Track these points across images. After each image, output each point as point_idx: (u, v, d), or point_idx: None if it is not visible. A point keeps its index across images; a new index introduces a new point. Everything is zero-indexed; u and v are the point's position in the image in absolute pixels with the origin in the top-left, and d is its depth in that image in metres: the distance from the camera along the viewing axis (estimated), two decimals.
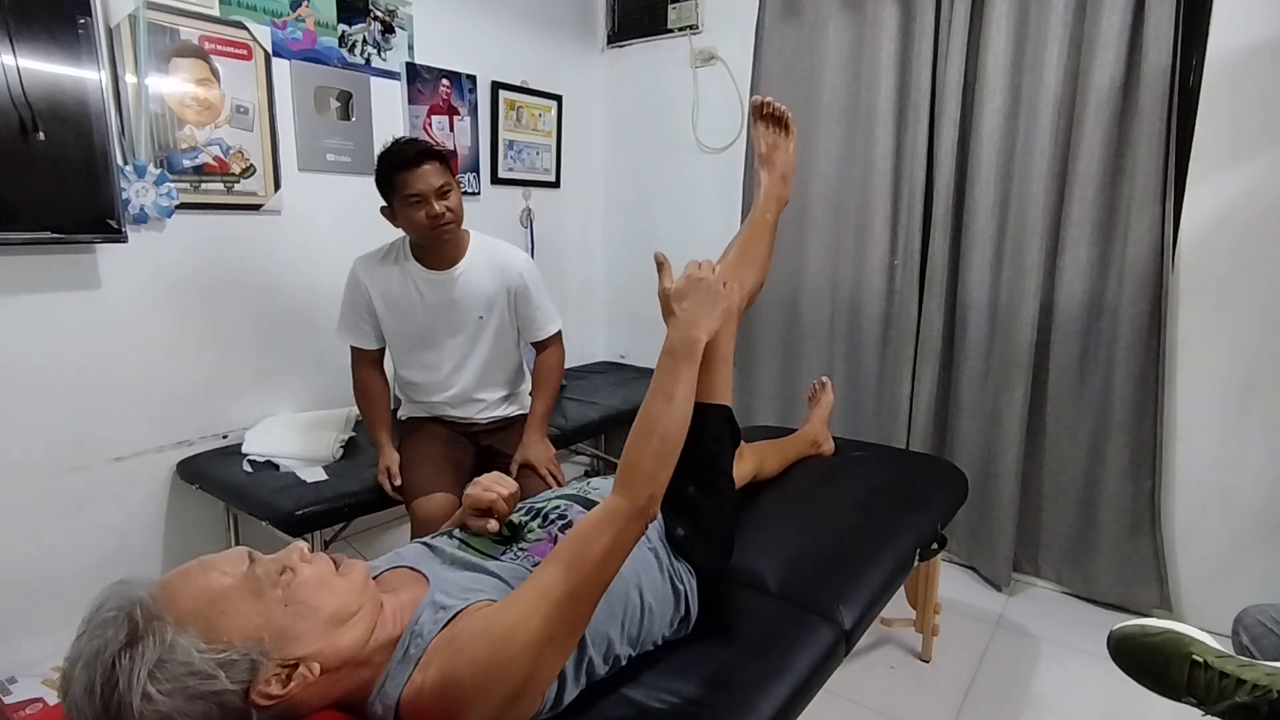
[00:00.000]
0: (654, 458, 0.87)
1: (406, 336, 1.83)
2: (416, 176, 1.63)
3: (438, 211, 1.64)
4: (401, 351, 1.87)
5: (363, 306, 1.82)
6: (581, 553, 0.81)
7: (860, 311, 2.51)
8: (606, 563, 0.81)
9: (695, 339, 0.95)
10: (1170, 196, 1.93)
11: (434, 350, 1.83)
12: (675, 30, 2.90)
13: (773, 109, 1.55)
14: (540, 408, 1.89)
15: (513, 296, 1.83)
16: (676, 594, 1.09)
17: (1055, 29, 2.01)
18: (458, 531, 1.06)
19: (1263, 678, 0.88)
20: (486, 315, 1.82)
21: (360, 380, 1.89)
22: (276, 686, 0.72)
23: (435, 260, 1.77)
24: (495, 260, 1.81)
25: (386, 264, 1.81)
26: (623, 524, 0.83)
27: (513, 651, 0.75)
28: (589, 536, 0.82)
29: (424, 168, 1.63)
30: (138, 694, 0.65)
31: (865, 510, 1.61)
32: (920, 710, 1.74)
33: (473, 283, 1.78)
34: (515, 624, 0.76)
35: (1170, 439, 2.06)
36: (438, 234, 1.69)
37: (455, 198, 1.69)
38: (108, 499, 1.91)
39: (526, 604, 0.78)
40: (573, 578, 0.79)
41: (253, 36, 2.05)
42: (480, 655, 0.75)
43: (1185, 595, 2.08)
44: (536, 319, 1.87)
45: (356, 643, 0.79)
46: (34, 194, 1.62)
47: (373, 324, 1.84)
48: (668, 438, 0.89)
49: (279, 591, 0.75)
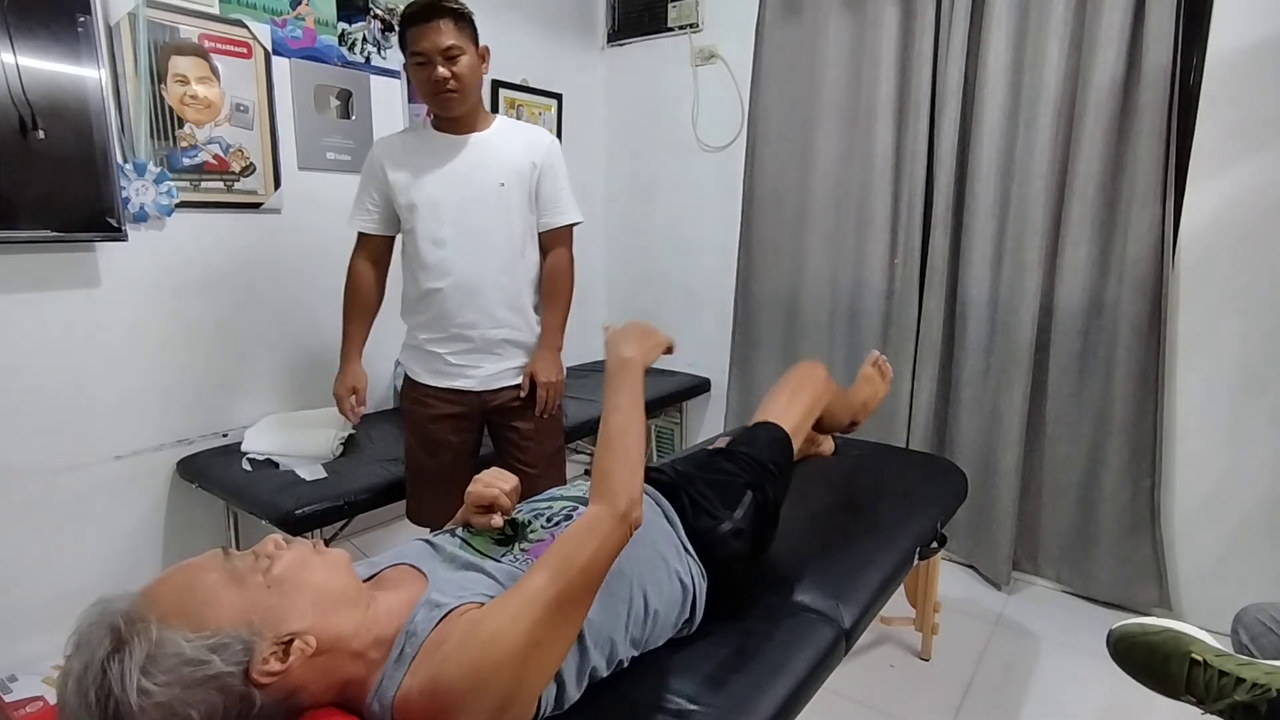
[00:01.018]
0: (623, 467, 0.92)
1: (419, 206, 1.62)
2: (422, 33, 1.48)
3: (438, 76, 1.50)
4: (416, 225, 1.64)
5: (373, 185, 1.67)
6: (568, 558, 0.82)
7: (860, 310, 2.51)
8: (592, 568, 0.83)
9: (624, 358, 1.02)
10: (1170, 195, 1.93)
11: (450, 224, 1.62)
12: (675, 29, 2.90)
13: (883, 367, 1.85)
14: (552, 319, 1.72)
15: (538, 172, 1.65)
16: (685, 594, 1.09)
17: (1056, 27, 2.01)
18: (460, 530, 1.06)
19: (1262, 676, 0.88)
20: (509, 184, 1.62)
21: (351, 270, 1.75)
22: (275, 663, 0.72)
23: (453, 127, 1.62)
24: (524, 132, 1.69)
25: (405, 135, 1.70)
26: (606, 530, 0.85)
27: (499, 657, 0.74)
28: (575, 542, 0.84)
29: (433, 23, 1.47)
30: (134, 692, 0.65)
31: (865, 509, 1.61)
32: (920, 709, 1.74)
33: (497, 148, 1.63)
34: (501, 630, 0.76)
35: (1170, 438, 2.06)
36: (439, 101, 1.55)
37: (466, 64, 1.52)
38: (108, 498, 1.91)
39: (513, 609, 0.78)
40: (559, 583, 0.79)
41: (253, 35, 2.05)
42: (466, 661, 0.74)
43: (1185, 594, 2.08)
44: (560, 200, 1.69)
45: (348, 624, 0.79)
46: (34, 192, 1.62)
47: (380, 205, 1.67)
48: (628, 447, 0.94)
49: (260, 576, 0.76)
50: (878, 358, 1.90)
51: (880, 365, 1.89)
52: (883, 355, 1.91)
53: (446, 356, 1.70)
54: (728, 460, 1.32)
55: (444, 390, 1.72)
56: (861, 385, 1.84)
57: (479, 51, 1.58)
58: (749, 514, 1.22)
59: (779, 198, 2.62)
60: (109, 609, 0.70)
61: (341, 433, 2.12)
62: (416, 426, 1.77)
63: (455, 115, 1.60)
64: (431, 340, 1.71)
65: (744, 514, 1.21)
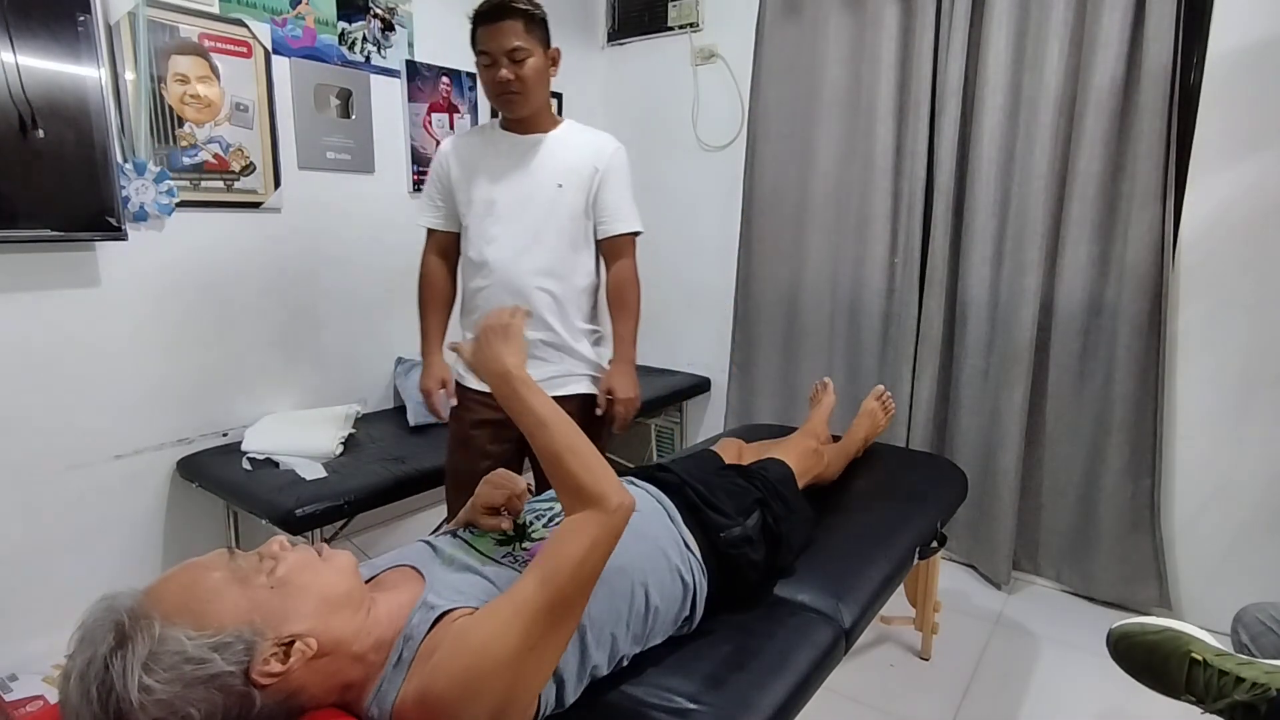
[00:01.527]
0: (582, 469, 0.88)
1: (474, 203, 1.63)
2: (489, 33, 1.47)
3: (502, 77, 1.48)
4: (471, 222, 1.65)
5: (439, 181, 1.67)
6: (556, 562, 0.81)
7: (860, 309, 2.51)
8: (582, 569, 0.81)
9: (505, 373, 0.95)
10: (1170, 195, 1.93)
11: (503, 222, 1.61)
12: (675, 28, 2.89)
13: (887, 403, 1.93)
14: (623, 331, 1.66)
15: (599, 177, 1.62)
16: (685, 591, 1.09)
17: (1056, 27, 2.01)
18: (462, 531, 1.06)
19: (1261, 676, 0.88)
20: (566, 185, 1.60)
21: (423, 266, 1.74)
22: (276, 664, 0.72)
23: (519, 127, 1.62)
24: (589, 137, 1.67)
25: (472, 133, 1.71)
26: (596, 529, 0.83)
27: (491, 664, 0.74)
28: (562, 545, 0.82)
29: (500, 24, 1.46)
30: (135, 688, 0.65)
31: (865, 508, 1.61)
32: (920, 708, 1.74)
33: (557, 151, 1.62)
34: (492, 637, 0.76)
35: (1170, 437, 2.06)
36: (502, 102, 1.54)
37: (531, 66, 1.50)
38: (108, 497, 1.91)
39: (503, 616, 0.77)
40: (549, 587, 0.79)
41: (252, 34, 2.04)
42: (458, 669, 0.74)
43: (1184, 593, 2.08)
44: (621, 208, 1.64)
45: (349, 629, 0.79)
46: (34, 192, 1.62)
47: (446, 199, 1.68)
48: (577, 450, 0.89)
49: (264, 578, 0.76)
50: (882, 392, 1.94)
51: (884, 401, 1.92)
52: (888, 392, 1.94)
53: None
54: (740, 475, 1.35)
55: (485, 394, 1.63)
56: (862, 420, 1.88)
57: (549, 54, 1.56)
58: (757, 525, 1.23)
59: (779, 197, 2.62)
60: (114, 605, 0.71)
61: (342, 432, 2.12)
62: (458, 430, 1.72)
63: (518, 117, 1.59)
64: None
65: (754, 524, 1.23)
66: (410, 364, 2.52)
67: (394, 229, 2.46)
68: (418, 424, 2.32)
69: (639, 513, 1.12)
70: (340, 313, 2.39)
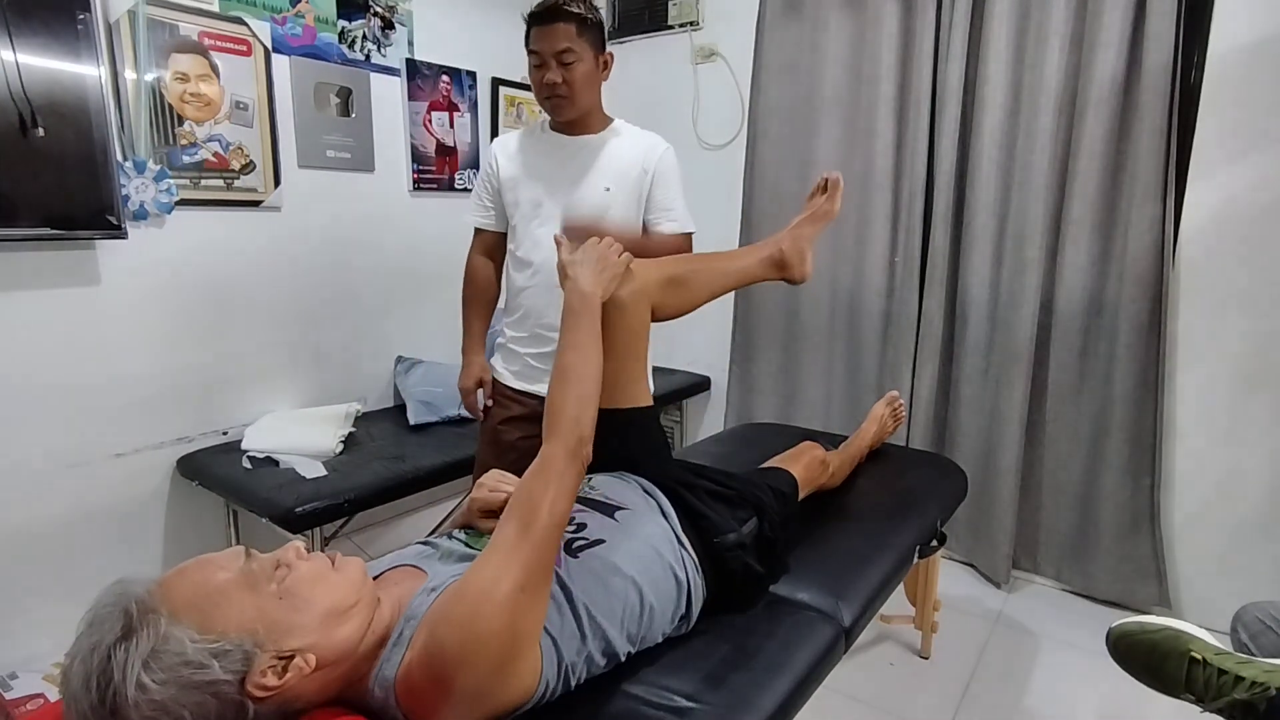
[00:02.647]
0: (576, 402, 0.97)
1: (521, 204, 1.62)
2: (540, 34, 1.48)
3: (549, 80, 1.49)
4: (518, 223, 1.64)
5: (488, 181, 1.67)
6: (530, 504, 0.86)
7: (860, 308, 2.51)
8: (555, 507, 0.87)
9: (585, 293, 1.09)
10: (1171, 194, 1.93)
11: (550, 224, 1.58)
12: (676, 26, 2.89)
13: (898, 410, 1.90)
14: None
15: (649, 178, 1.60)
16: (680, 589, 1.09)
17: (1056, 26, 2.01)
18: (458, 532, 1.06)
19: (1261, 675, 0.88)
20: (614, 189, 1.59)
21: (468, 264, 1.74)
22: (272, 678, 0.72)
23: (568, 129, 1.62)
24: (639, 139, 1.64)
25: (522, 133, 1.69)
26: (561, 468, 0.91)
27: (489, 609, 0.76)
28: (532, 488, 0.89)
29: (552, 26, 1.46)
30: (132, 684, 0.66)
31: (865, 507, 1.61)
32: (919, 707, 1.74)
33: (608, 152, 1.60)
34: (487, 583, 0.79)
35: (1170, 436, 2.06)
36: (549, 104, 1.55)
37: (579, 70, 1.49)
38: (108, 495, 1.91)
39: (494, 562, 0.81)
40: (530, 530, 0.83)
41: (252, 32, 2.04)
42: (456, 618, 0.77)
43: (1184, 592, 2.08)
44: (672, 207, 1.63)
45: (353, 637, 0.79)
46: (33, 190, 1.62)
47: (494, 199, 1.67)
48: (583, 380, 1.00)
49: (274, 586, 0.76)
50: (895, 399, 1.91)
51: (896, 408, 1.90)
52: (901, 400, 1.91)
53: (527, 357, 1.65)
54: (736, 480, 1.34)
55: (519, 392, 1.67)
56: (870, 425, 1.86)
57: (600, 58, 1.55)
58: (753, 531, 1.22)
59: (779, 196, 2.62)
60: (126, 593, 0.71)
61: (342, 430, 2.12)
62: (488, 426, 1.72)
63: (564, 119, 1.58)
64: (516, 340, 1.68)
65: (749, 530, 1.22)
66: (410, 363, 2.52)
67: (394, 228, 2.47)
68: (418, 423, 2.32)
69: (630, 509, 1.12)
70: (340, 311, 2.40)
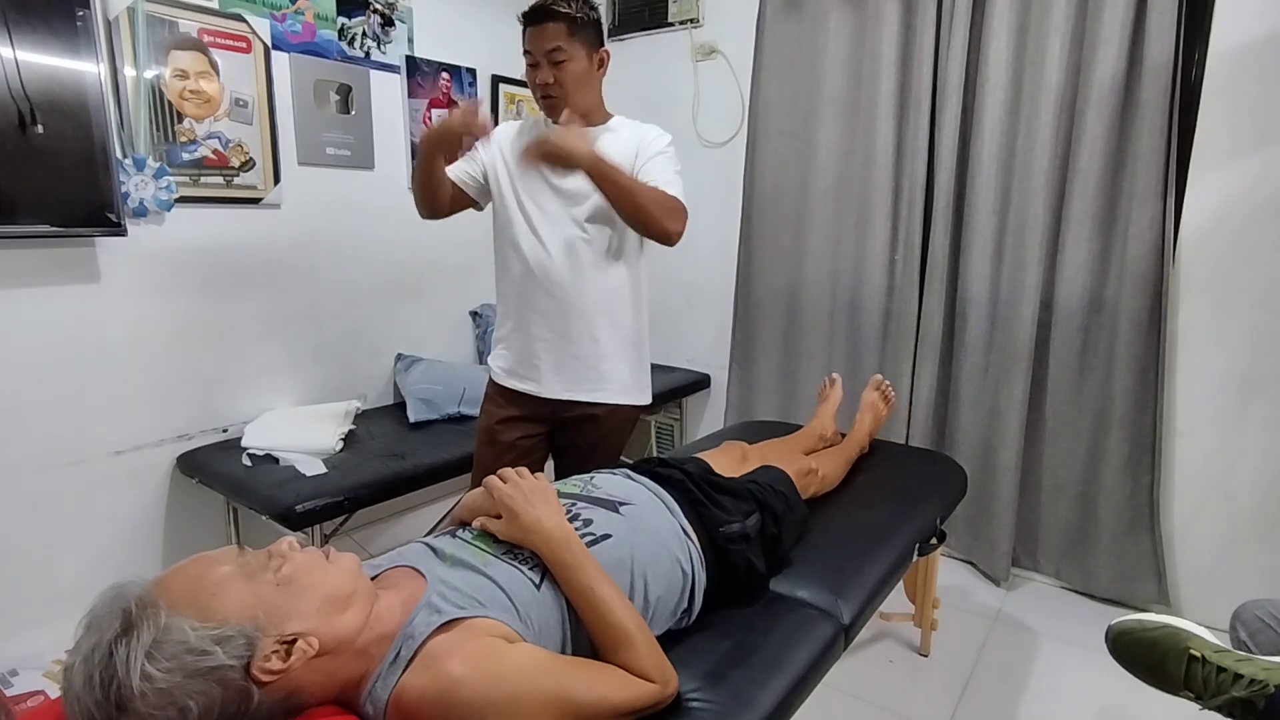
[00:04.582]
0: (653, 651, 0.91)
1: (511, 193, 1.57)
2: (532, 35, 1.48)
3: (541, 80, 1.49)
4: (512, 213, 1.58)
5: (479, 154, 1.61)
6: (592, 687, 0.83)
7: (860, 306, 2.51)
8: (605, 705, 0.83)
9: (553, 533, 0.96)
10: (1171, 192, 1.93)
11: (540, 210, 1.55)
12: (676, 24, 2.89)
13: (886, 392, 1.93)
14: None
15: (639, 161, 1.54)
16: (684, 580, 1.10)
17: (1057, 23, 2.01)
18: (460, 530, 1.06)
19: (1260, 672, 0.88)
20: None
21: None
22: (277, 662, 0.73)
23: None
24: (635, 131, 1.60)
25: (525, 124, 1.66)
26: (648, 700, 0.86)
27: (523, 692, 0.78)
28: (604, 679, 0.85)
29: (542, 26, 1.46)
30: (136, 675, 0.66)
31: (864, 505, 1.61)
32: (919, 704, 1.74)
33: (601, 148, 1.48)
34: (521, 671, 0.79)
35: (1169, 434, 2.06)
36: (543, 104, 1.54)
37: (570, 70, 1.48)
38: (108, 493, 1.91)
39: (544, 691, 0.79)
40: (585, 707, 0.81)
41: (252, 29, 2.04)
42: (482, 698, 0.76)
43: (1183, 590, 2.09)
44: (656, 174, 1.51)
45: (352, 627, 0.80)
46: (33, 187, 1.62)
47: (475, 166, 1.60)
48: (643, 626, 0.93)
49: (271, 575, 0.78)
50: (880, 382, 1.94)
51: (884, 390, 1.92)
52: (886, 381, 1.94)
53: (520, 354, 1.63)
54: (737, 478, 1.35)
55: (512, 392, 1.65)
56: (864, 414, 1.88)
57: (595, 56, 1.53)
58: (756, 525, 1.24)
59: (779, 194, 2.62)
60: (123, 593, 0.72)
61: (342, 428, 2.12)
62: (485, 426, 1.70)
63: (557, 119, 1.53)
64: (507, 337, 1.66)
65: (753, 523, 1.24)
66: (410, 360, 2.52)
67: (393, 225, 2.46)
68: (417, 420, 2.32)
69: (639, 505, 1.13)
70: (340, 309, 2.39)
